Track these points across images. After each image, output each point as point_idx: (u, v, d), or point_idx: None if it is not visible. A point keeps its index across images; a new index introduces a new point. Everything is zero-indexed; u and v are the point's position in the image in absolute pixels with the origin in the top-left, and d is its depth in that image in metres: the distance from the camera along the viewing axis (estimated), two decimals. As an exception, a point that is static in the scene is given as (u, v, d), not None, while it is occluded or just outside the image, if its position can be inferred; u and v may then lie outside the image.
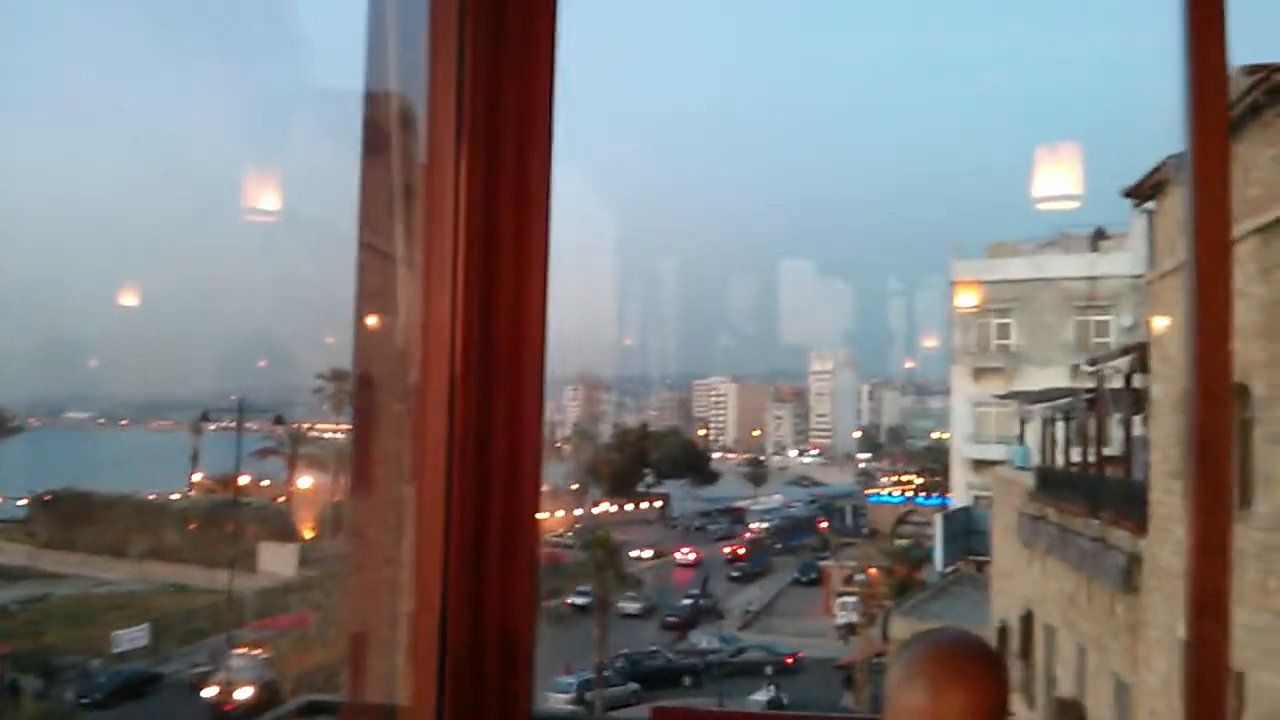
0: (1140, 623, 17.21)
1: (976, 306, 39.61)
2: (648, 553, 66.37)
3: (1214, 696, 2.33)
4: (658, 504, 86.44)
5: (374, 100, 2.49)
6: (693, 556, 66.71)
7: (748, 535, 71.75)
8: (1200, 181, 2.36)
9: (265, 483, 55.13)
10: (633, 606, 53.76)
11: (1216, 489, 2.35)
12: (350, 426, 2.65)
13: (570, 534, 65.85)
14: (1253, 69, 14.04)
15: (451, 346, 2.23)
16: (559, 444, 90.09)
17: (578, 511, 76.33)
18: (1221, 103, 2.36)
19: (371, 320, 2.58)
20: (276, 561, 44.24)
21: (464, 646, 2.27)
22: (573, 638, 40.29)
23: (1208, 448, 2.35)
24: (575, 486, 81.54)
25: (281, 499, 53.20)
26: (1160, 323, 17.70)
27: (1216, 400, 2.37)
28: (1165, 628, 16.13)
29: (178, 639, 38.56)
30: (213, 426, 52.71)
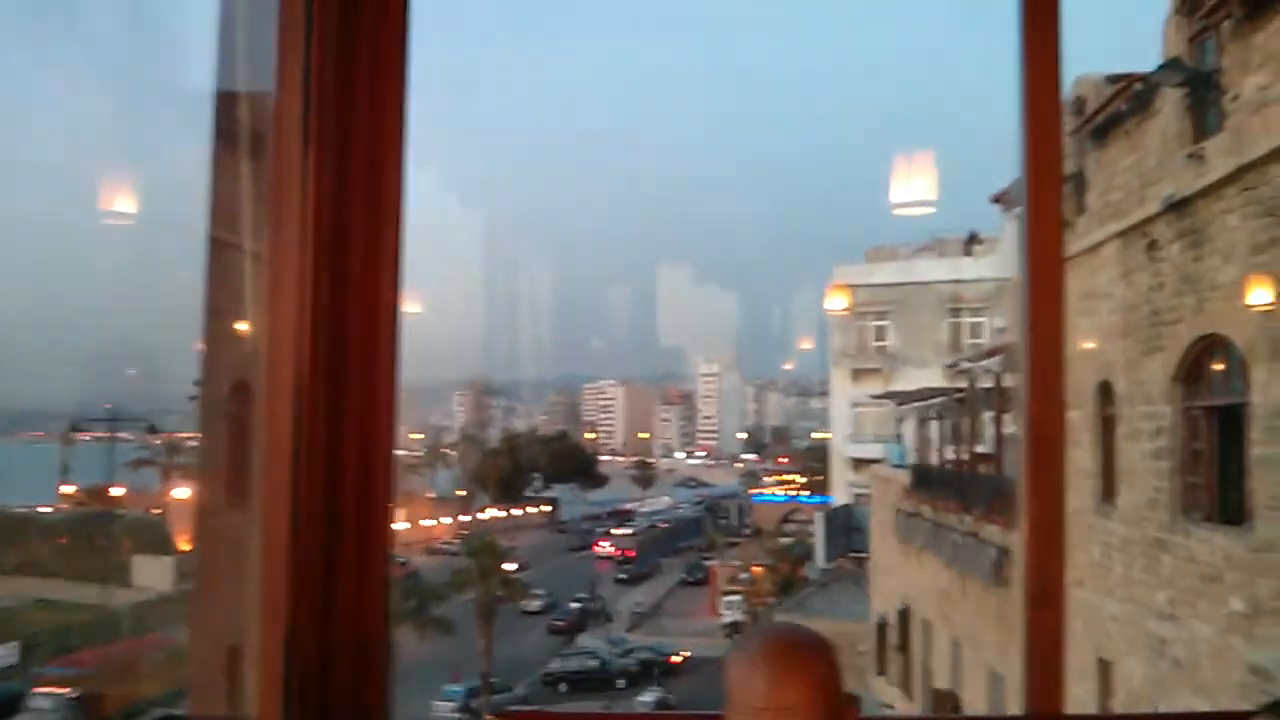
0: (1012, 614, 17.77)
1: (847, 309, 40.44)
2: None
3: (1053, 684, 2.44)
4: (546, 508, 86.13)
5: (226, 99, 2.47)
6: (611, 549, 67.29)
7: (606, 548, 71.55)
8: (1034, 185, 2.47)
9: (139, 494, 53.35)
10: (533, 604, 54.42)
11: (1050, 481, 2.46)
12: (201, 434, 2.60)
13: (457, 541, 65.15)
14: (1114, 78, 14.64)
15: (299, 350, 2.22)
16: (446, 450, 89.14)
17: (465, 518, 75.60)
18: (1054, 110, 2.47)
19: (239, 325, 2.56)
20: (152, 575, 42.79)
21: (313, 658, 2.25)
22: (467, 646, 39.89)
23: (1041, 442, 2.46)
24: (462, 493, 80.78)
25: (157, 510, 51.51)
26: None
27: (1049, 396, 2.48)
28: (1034, 618, 16.67)
29: (48, 657, 37.01)
30: (85, 437, 50.72)
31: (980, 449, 22.75)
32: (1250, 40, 10.89)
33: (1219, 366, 12.01)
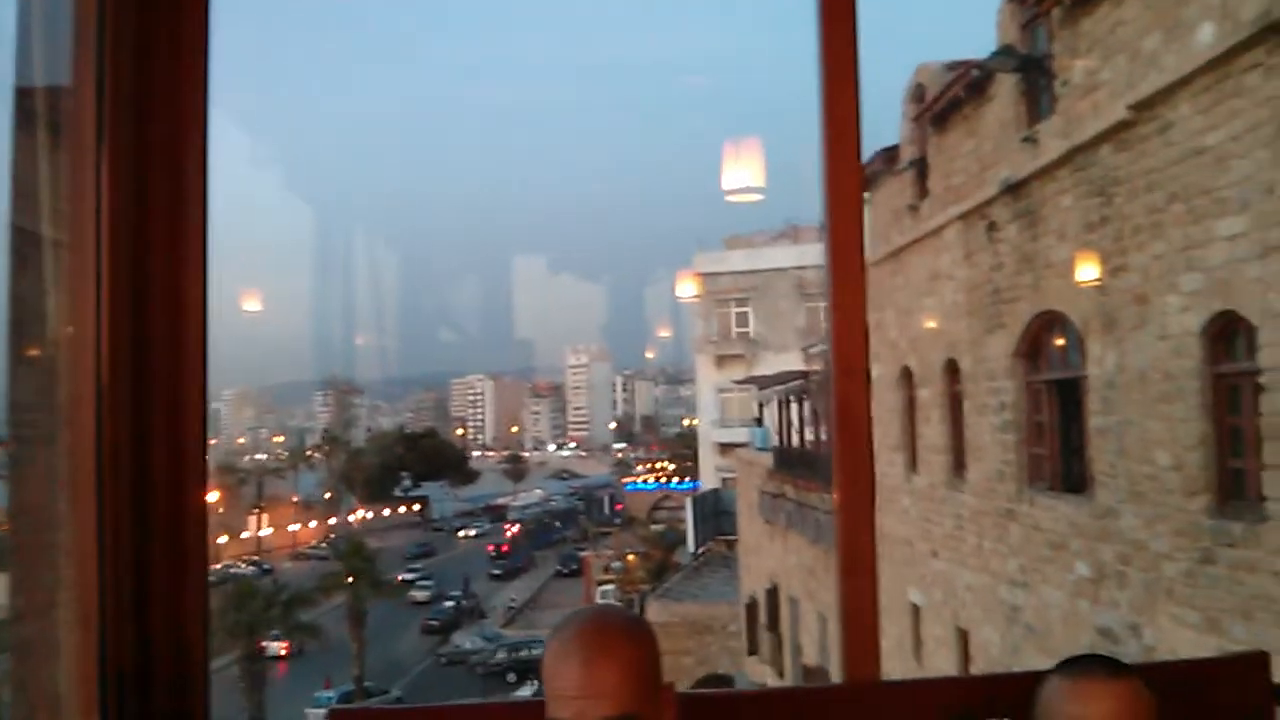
0: (873, 589, 18.25)
1: (698, 296, 40.97)
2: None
3: (868, 650, 2.50)
4: (417, 507, 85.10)
5: (23, 93, 2.37)
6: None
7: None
8: (832, 171, 2.52)
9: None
10: (422, 594, 55.52)
11: (858, 457, 2.52)
12: (9, 438, 2.49)
13: (324, 544, 63.89)
14: (953, 65, 15.09)
15: (98, 352, 2.15)
16: (310, 452, 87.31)
17: (332, 520, 74.22)
18: (851, 91, 2.52)
19: (45, 321, 2.44)
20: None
21: (129, 667, 2.18)
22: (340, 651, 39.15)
23: (848, 419, 2.52)
24: (329, 495, 79.24)
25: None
26: (877, 307, 18.80)
27: (853, 375, 2.54)
28: (896, 594, 17.16)
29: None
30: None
31: (840, 429, 23.19)
32: (1079, 26, 11.36)
33: (1059, 341, 12.52)
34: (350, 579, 41.64)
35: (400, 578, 54.76)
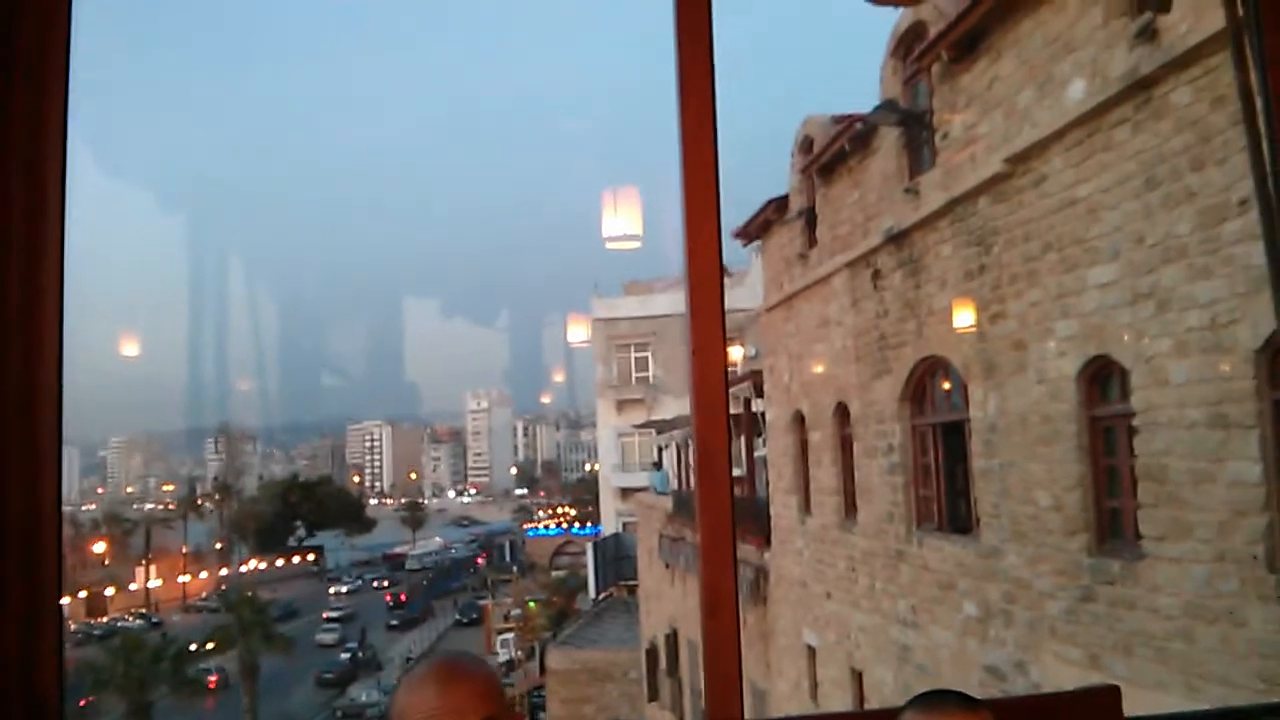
0: (770, 631, 18.40)
1: (587, 341, 41.20)
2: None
3: (730, 690, 2.55)
4: (311, 557, 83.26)
5: None
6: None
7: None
8: (692, 217, 2.59)
9: None
10: (329, 637, 55.88)
11: (718, 496, 2.58)
12: None
13: (214, 596, 62.08)
14: (838, 118, 15.49)
15: None
16: (200, 501, 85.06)
17: (223, 571, 72.23)
18: (708, 139, 2.60)
19: None
20: None
21: None
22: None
23: (708, 459, 2.57)
24: (219, 545, 77.17)
25: None
26: (770, 352, 19.11)
27: (713, 417, 2.60)
28: (792, 635, 17.31)
29: None
30: None
31: (735, 472, 23.48)
32: (958, 82, 11.77)
33: (945, 386, 12.85)
34: (242, 631, 40.54)
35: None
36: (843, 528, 15.35)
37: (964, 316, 11.47)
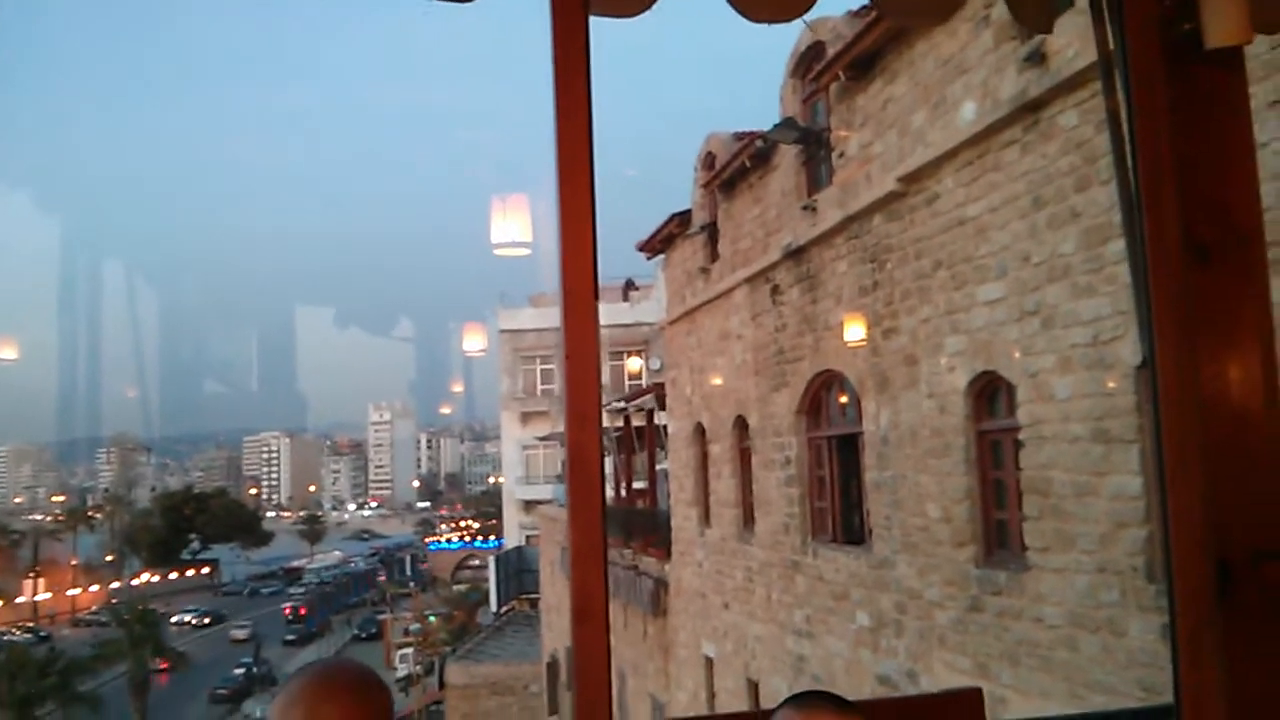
0: (670, 643, 18.46)
1: (483, 350, 41.10)
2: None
3: (599, 700, 2.55)
4: (206, 570, 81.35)
5: None
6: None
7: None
8: (567, 218, 2.60)
9: None
10: (241, 632, 57.97)
11: (589, 503, 2.59)
12: None
13: (104, 609, 60.26)
14: (740, 135, 15.66)
15: None
16: (91, 512, 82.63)
17: (114, 585, 70.12)
18: (584, 152, 2.61)
19: None
20: None
21: None
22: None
23: (579, 466, 2.58)
24: (110, 557, 74.94)
25: None
26: (673, 364, 19.20)
27: (586, 423, 2.61)
28: (691, 646, 17.38)
29: None
30: None
31: (638, 484, 23.54)
32: (854, 102, 11.99)
33: (842, 399, 13.04)
34: (132, 645, 39.45)
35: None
36: (741, 539, 15.47)
37: (858, 331, 11.66)
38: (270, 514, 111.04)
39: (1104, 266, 8.01)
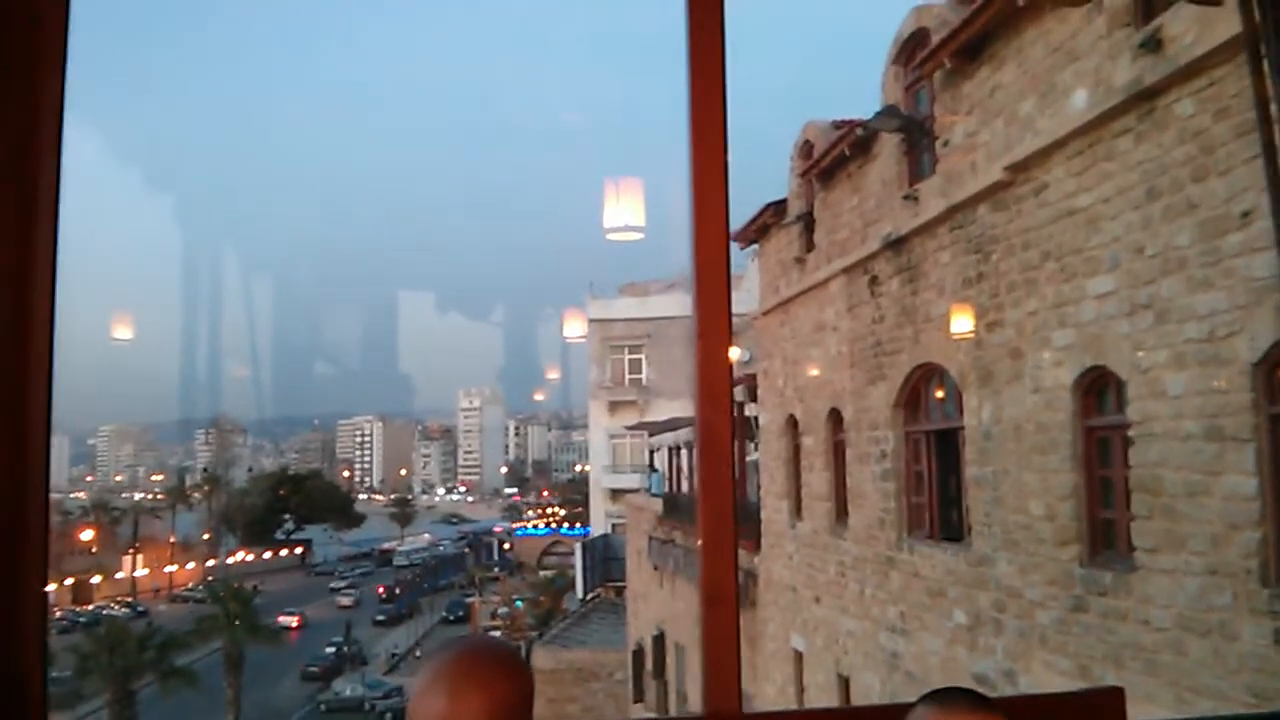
0: (758, 635, 18.36)
1: (584, 336, 41.14)
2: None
3: (728, 681, 2.52)
4: (299, 550, 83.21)
5: None
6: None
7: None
8: (699, 198, 2.55)
9: None
10: (346, 599, 61.07)
11: (720, 488, 2.54)
12: None
13: (200, 586, 62.00)
14: (839, 124, 15.46)
15: None
16: (189, 491, 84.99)
17: (210, 562, 72.11)
18: (718, 132, 2.57)
19: None
20: None
21: None
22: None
23: (711, 447, 2.54)
24: (207, 536, 77.05)
25: None
26: (765, 356, 19.07)
27: (717, 403, 2.56)
28: (780, 639, 17.28)
29: None
30: None
31: (728, 476, 23.33)
32: (959, 89, 11.75)
33: (939, 393, 12.82)
34: (228, 622, 40.47)
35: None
36: (834, 533, 15.32)
37: (961, 324, 11.44)
38: (362, 496, 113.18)
39: (1221, 260, 7.73)
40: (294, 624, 58.65)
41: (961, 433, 11.80)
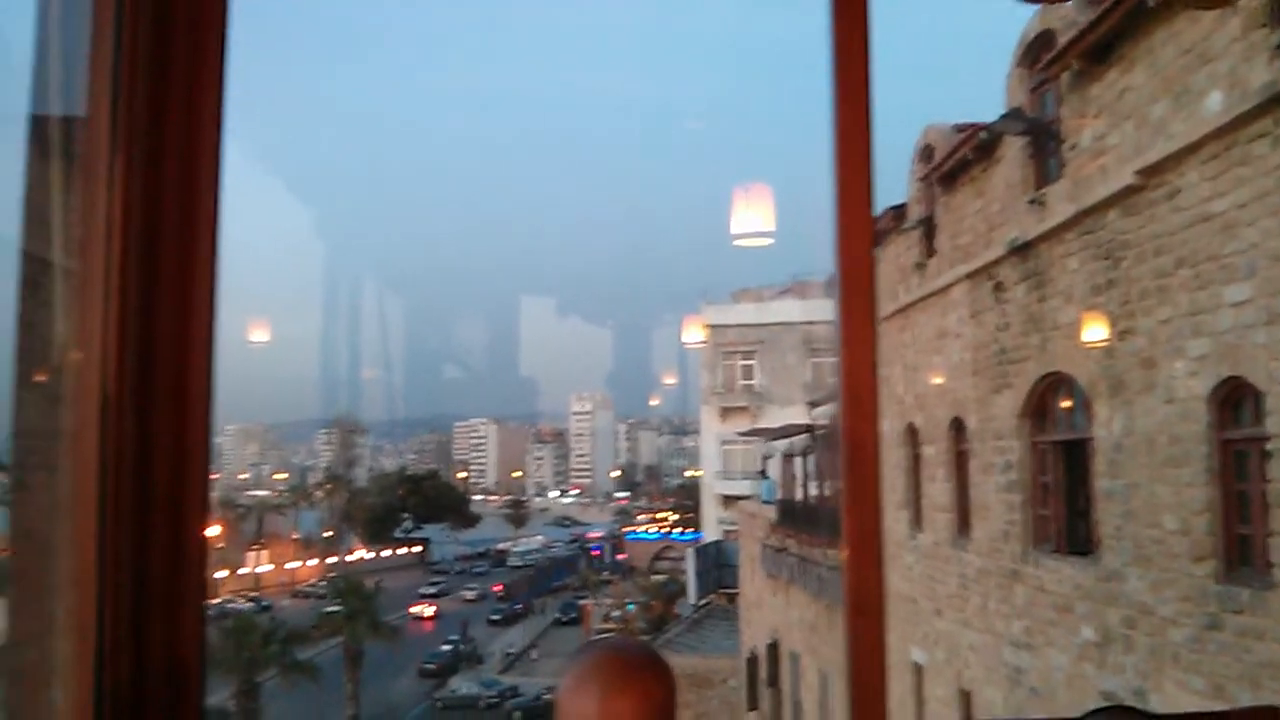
0: (875, 646, 18.11)
1: (704, 342, 41.10)
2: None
3: (875, 692, 2.51)
4: (417, 549, 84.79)
5: (40, 120, 2.44)
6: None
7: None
8: (844, 198, 2.56)
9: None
10: (470, 593, 65.23)
11: (865, 494, 2.53)
12: (14, 464, 2.52)
13: (323, 583, 63.60)
14: (960, 127, 15.22)
15: (104, 379, 2.18)
16: (311, 490, 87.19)
17: (331, 559, 73.93)
18: (863, 135, 2.57)
19: (55, 344, 2.50)
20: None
21: (124, 685, 2.20)
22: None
23: (857, 454, 2.53)
24: (329, 534, 78.99)
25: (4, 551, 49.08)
26: (884, 363, 18.83)
27: (862, 410, 2.56)
28: (898, 650, 17.03)
29: None
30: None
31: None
32: (1087, 91, 11.47)
33: (1066, 403, 12.52)
34: (348, 618, 41.47)
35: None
36: (955, 544, 15.06)
37: (1091, 332, 11.16)
38: (476, 497, 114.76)
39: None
40: (428, 614, 62.77)
41: (1090, 444, 11.50)
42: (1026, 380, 12.91)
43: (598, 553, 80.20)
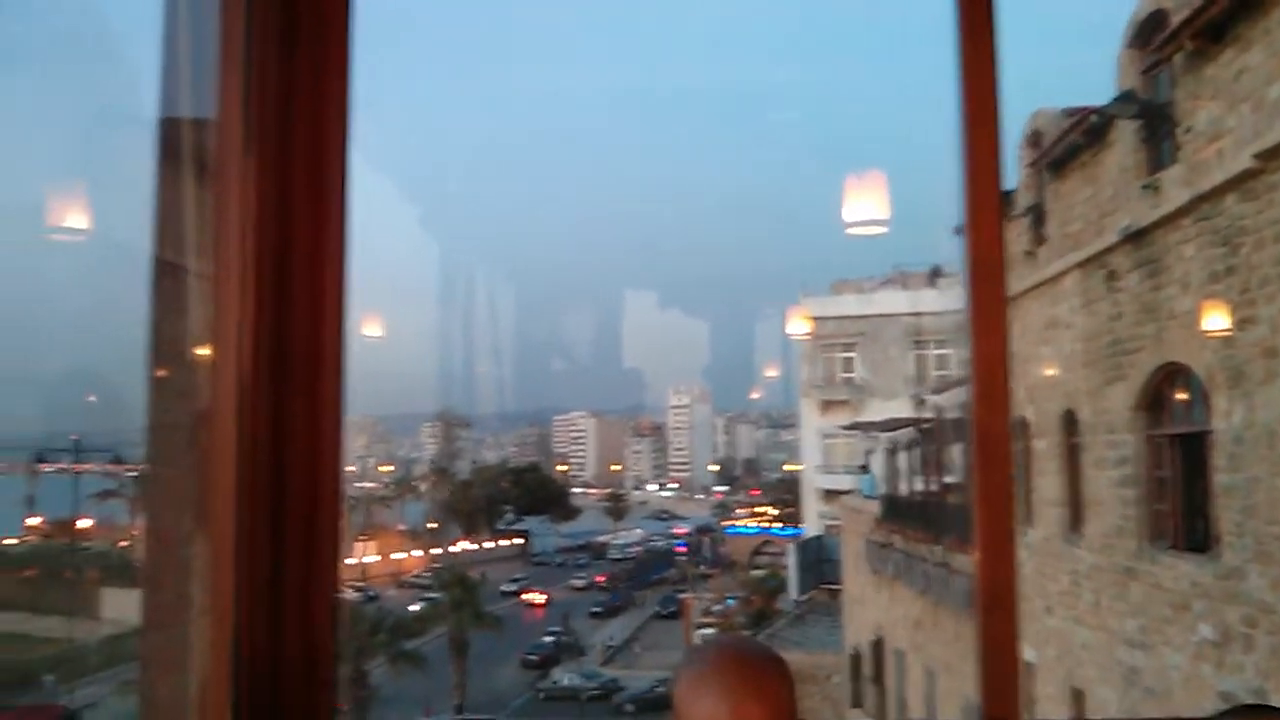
0: (982, 643, 17.79)
1: (810, 334, 40.68)
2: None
3: (1007, 688, 2.47)
4: (518, 541, 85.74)
5: (170, 124, 2.51)
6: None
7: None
8: (973, 188, 2.51)
9: (106, 526, 52.66)
10: (579, 580, 67.30)
11: (998, 490, 2.48)
12: (150, 461, 2.59)
13: (428, 573, 64.73)
14: (1070, 112, 14.83)
15: (239, 365, 2.24)
16: (416, 482, 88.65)
17: (435, 550, 75.11)
18: (990, 116, 2.52)
19: (188, 347, 2.57)
20: (121, 607, 42.26)
21: (262, 667, 2.26)
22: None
23: (988, 446, 2.48)
24: (433, 525, 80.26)
25: (124, 543, 50.89)
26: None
27: (994, 402, 2.51)
28: (1005, 647, 16.69)
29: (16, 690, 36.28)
30: (49, 468, 50.04)
31: (949, 479, 22.84)
32: (1202, 73, 11.09)
33: (1182, 395, 12.13)
34: (454, 608, 42.15)
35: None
36: (1067, 540, 14.70)
37: (1210, 321, 10.78)
38: (576, 490, 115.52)
39: None
40: (539, 601, 64.14)
41: (1209, 436, 11.13)
42: (1141, 371, 12.53)
43: (682, 549, 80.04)
